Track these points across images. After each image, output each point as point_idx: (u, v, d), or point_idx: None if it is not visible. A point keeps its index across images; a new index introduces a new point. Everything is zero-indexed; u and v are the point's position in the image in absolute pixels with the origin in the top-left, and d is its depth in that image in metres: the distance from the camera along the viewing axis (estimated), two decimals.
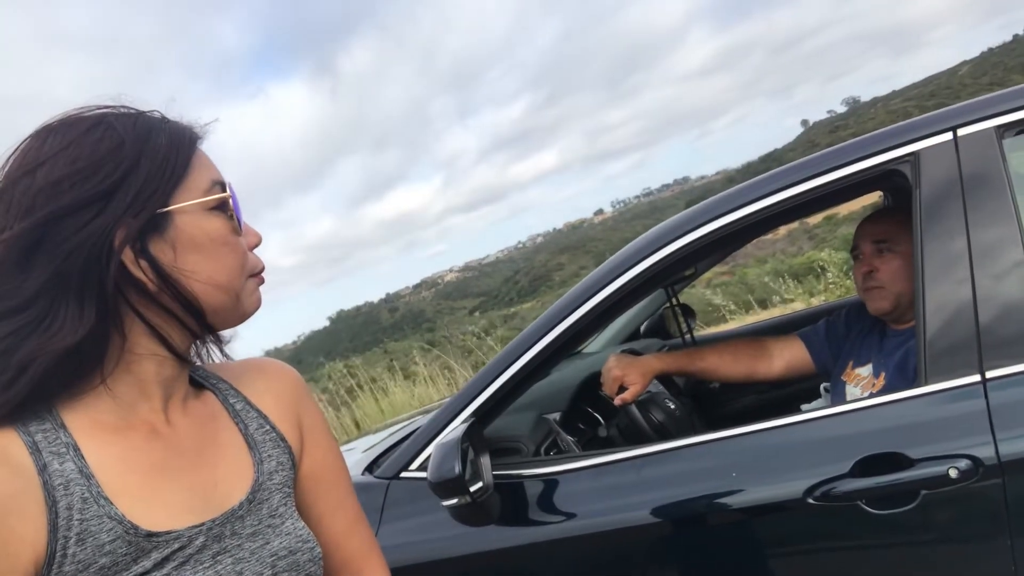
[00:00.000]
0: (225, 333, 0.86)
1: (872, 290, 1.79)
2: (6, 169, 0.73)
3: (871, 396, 1.73)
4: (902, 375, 1.68)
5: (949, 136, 1.43)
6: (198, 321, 0.78)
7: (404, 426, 2.26)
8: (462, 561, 1.60)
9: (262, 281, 0.84)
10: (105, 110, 0.77)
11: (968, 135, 1.42)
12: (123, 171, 0.72)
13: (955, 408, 1.32)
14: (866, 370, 1.81)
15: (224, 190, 0.80)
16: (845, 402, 1.81)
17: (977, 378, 1.31)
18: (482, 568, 1.61)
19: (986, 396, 1.29)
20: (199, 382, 0.88)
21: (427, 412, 2.96)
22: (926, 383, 1.35)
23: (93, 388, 0.75)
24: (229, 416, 0.87)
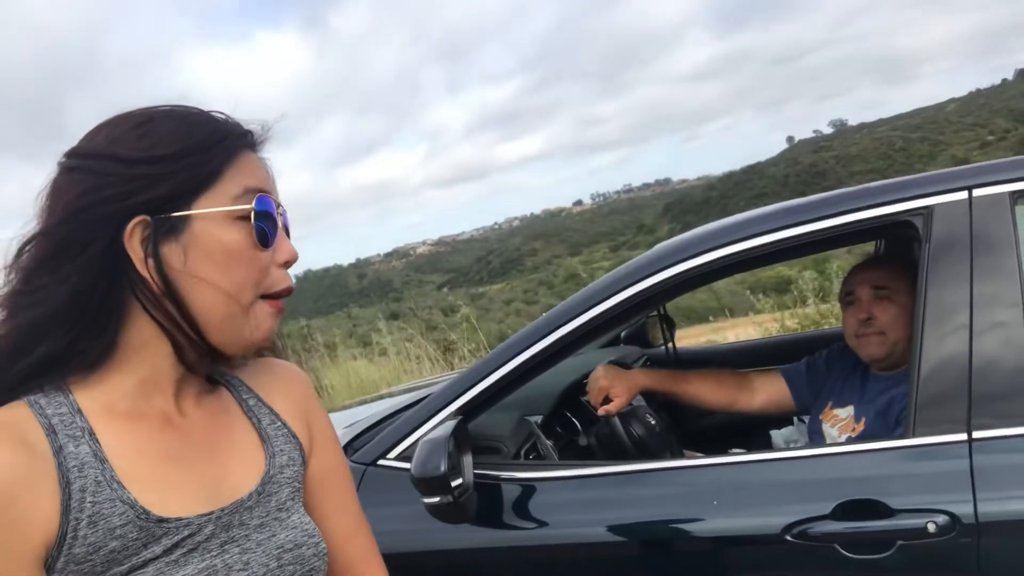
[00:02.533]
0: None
1: (869, 336, 1.81)
2: (64, 155, 0.76)
3: (849, 439, 1.76)
4: (883, 422, 1.71)
5: (964, 195, 1.45)
6: (196, 333, 0.77)
7: (383, 410, 2.25)
8: (432, 556, 1.61)
9: (279, 311, 0.82)
10: (159, 107, 0.78)
11: (983, 196, 1.44)
12: (152, 172, 0.73)
13: (939, 464, 1.35)
14: (845, 412, 1.84)
15: (253, 199, 0.78)
16: (823, 441, 1.84)
17: (964, 437, 1.33)
18: (452, 565, 1.61)
19: (971, 456, 1.31)
20: (214, 378, 0.88)
21: (393, 395, 2.95)
22: (913, 435, 1.37)
23: (107, 373, 0.76)
24: (242, 410, 0.88)
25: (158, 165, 0.73)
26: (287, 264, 0.82)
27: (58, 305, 0.71)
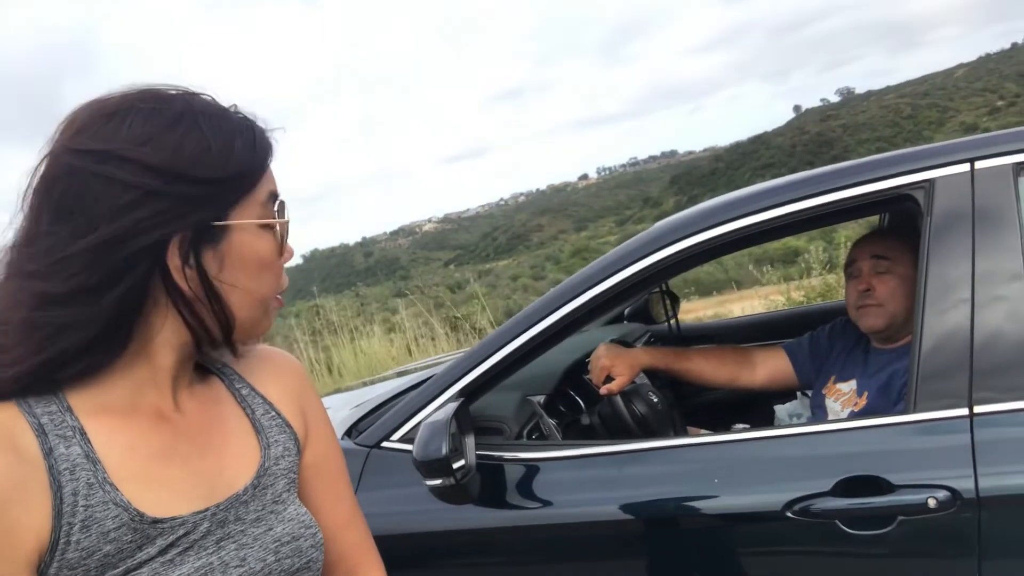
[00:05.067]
0: None
1: (868, 307, 1.80)
2: (81, 143, 0.70)
3: (851, 414, 1.76)
4: (885, 396, 1.71)
5: (966, 167, 1.43)
6: (224, 333, 0.78)
7: (388, 391, 2.25)
8: (436, 536, 1.62)
9: (280, 304, 0.84)
10: (188, 97, 0.75)
11: (985, 168, 1.42)
12: (200, 193, 0.71)
13: (940, 440, 1.34)
14: (848, 386, 1.84)
15: (277, 203, 0.79)
16: (826, 416, 1.84)
17: (965, 412, 1.33)
18: (456, 545, 1.62)
19: (972, 430, 1.31)
20: (204, 366, 0.87)
21: (404, 373, 2.96)
22: (914, 411, 1.37)
23: (108, 372, 0.74)
24: (235, 401, 0.86)
25: (206, 186, 0.72)
26: (285, 263, 0.83)
27: (98, 332, 0.69)
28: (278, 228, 0.79)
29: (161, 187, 0.69)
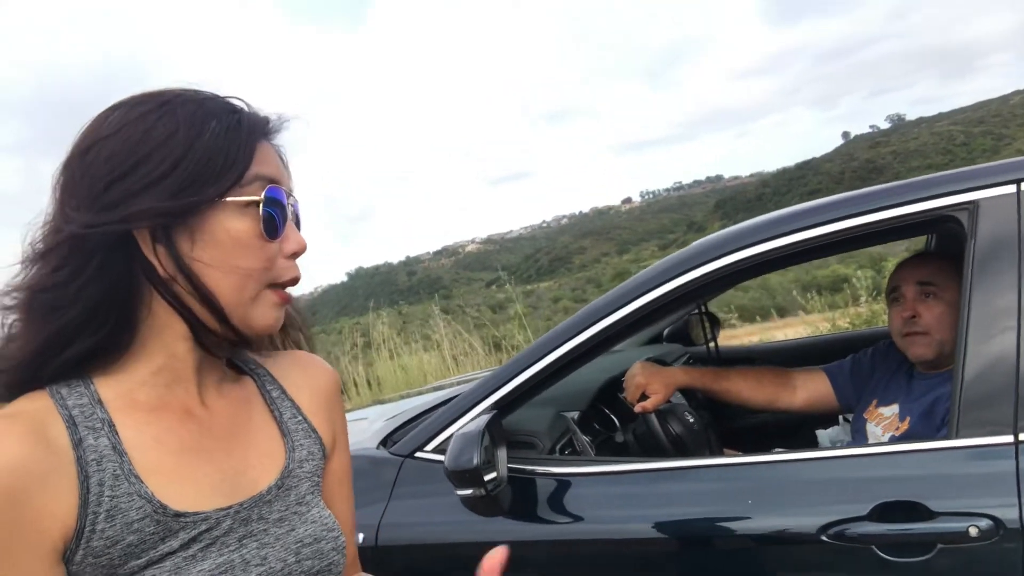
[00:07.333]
0: None
1: (914, 336, 1.76)
2: (75, 139, 0.74)
3: (892, 439, 1.72)
4: (928, 422, 1.67)
5: (1012, 189, 1.40)
6: (216, 316, 0.76)
7: (422, 404, 2.27)
8: (466, 547, 1.62)
9: (286, 299, 0.81)
10: (181, 90, 0.76)
11: None
12: (168, 165, 0.71)
13: (983, 466, 1.31)
14: (890, 410, 1.80)
15: (264, 189, 0.76)
16: (866, 440, 1.80)
17: (1010, 439, 1.29)
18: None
19: (1017, 458, 1.27)
20: (238, 366, 0.89)
21: (440, 388, 2.98)
22: (957, 436, 1.34)
23: (126, 361, 0.76)
24: (264, 402, 0.87)
25: (171, 167, 0.71)
26: (295, 255, 0.80)
27: (92, 305, 0.71)
28: (261, 210, 0.76)
29: (126, 171, 0.71)
